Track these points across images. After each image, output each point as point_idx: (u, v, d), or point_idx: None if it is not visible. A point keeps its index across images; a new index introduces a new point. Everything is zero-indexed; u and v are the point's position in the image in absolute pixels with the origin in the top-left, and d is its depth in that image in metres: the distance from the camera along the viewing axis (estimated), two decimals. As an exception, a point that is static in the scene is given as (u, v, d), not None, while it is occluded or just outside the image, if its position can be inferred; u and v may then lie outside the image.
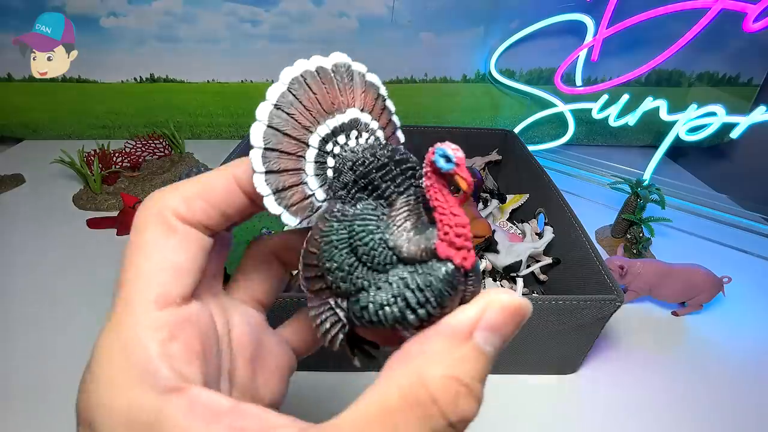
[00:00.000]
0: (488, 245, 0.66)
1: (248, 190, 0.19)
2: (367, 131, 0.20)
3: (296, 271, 0.21)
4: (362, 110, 0.20)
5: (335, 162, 0.19)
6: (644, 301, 0.66)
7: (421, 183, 0.18)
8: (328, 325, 0.19)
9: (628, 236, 0.75)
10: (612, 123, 0.98)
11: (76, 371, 0.17)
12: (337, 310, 0.18)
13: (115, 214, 0.81)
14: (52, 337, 0.57)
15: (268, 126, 0.18)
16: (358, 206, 0.18)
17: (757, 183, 0.93)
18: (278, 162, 0.18)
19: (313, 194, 0.19)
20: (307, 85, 0.19)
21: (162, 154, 1.00)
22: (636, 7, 0.90)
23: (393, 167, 0.18)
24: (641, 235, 0.73)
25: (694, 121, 0.87)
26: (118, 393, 0.15)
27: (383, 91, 0.21)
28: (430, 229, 0.17)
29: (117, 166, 0.92)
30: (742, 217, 0.88)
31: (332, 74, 0.19)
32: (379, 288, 0.17)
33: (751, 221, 0.86)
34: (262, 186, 0.18)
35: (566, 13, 0.98)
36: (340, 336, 0.19)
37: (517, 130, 1.04)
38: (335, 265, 0.18)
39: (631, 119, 0.95)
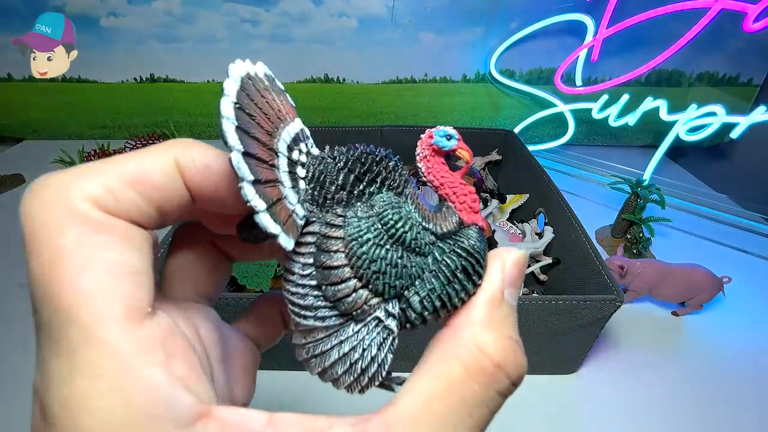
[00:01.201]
0: (488, 245, 0.66)
1: (195, 186, 0.15)
2: (310, 140, 0.18)
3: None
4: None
5: (307, 171, 0.17)
6: (644, 301, 0.66)
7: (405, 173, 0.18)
8: (374, 351, 0.16)
9: (628, 236, 0.75)
10: (612, 123, 0.98)
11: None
12: (388, 321, 0.17)
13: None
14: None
15: (237, 127, 0.15)
16: (376, 199, 0.17)
17: (757, 183, 0.93)
18: (259, 171, 0.15)
19: (294, 210, 0.16)
20: (255, 88, 0.16)
21: (162, 154, 1.00)
22: (636, 7, 0.90)
23: (388, 160, 0.18)
24: (641, 235, 0.73)
25: (694, 121, 0.87)
26: None
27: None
28: (445, 206, 0.18)
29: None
30: (742, 217, 0.88)
31: (267, 82, 0.17)
32: (431, 271, 0.17)
33: (751, 221, 0.86)
34: (255, 199, 0.14)
35: (566, 13, 0.98)
36: (390, 357, 0.17)
37: (517, 130, 1.04)
38: (384, 263, 0.16)
39: (631, 119, 0.95)
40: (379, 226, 0.17)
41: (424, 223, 0.17)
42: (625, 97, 0.94)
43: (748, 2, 0.80)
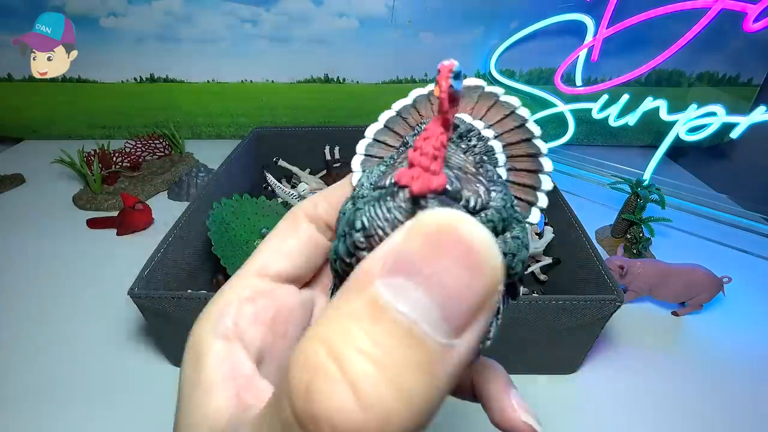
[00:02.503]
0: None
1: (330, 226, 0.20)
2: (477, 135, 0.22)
3: None
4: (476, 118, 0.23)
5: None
6: (644, 301, 0.66)
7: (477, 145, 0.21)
8: None
9: (628, 236, 0.75)
10: (612, 123, 0.98)
11: (76, 370, 0.16)
12: None
13: (115, 214, 0.81)
14: (52, 336, 0.57)
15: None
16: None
17: (757, 183, 0.93)
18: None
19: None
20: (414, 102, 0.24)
21: (162, 154, 1.00)
22: (636, 7, 0.90)
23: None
24: (641, 235, 0.73)
25: (694, 121, 0.87)
26: (197, 329, 0.17)
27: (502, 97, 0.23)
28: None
29: (117, 166, 0.92)
30: (742, 217, 0.87)
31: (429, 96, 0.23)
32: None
33: (751, 221, 0.86)
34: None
35: (566, 13, 0.98)
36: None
37: (517, 130, 1.04)
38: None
39: (631, 119, 0.95)
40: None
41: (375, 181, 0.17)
42: (625, 97, 0.94)
43: (748, 2, 0.80)
